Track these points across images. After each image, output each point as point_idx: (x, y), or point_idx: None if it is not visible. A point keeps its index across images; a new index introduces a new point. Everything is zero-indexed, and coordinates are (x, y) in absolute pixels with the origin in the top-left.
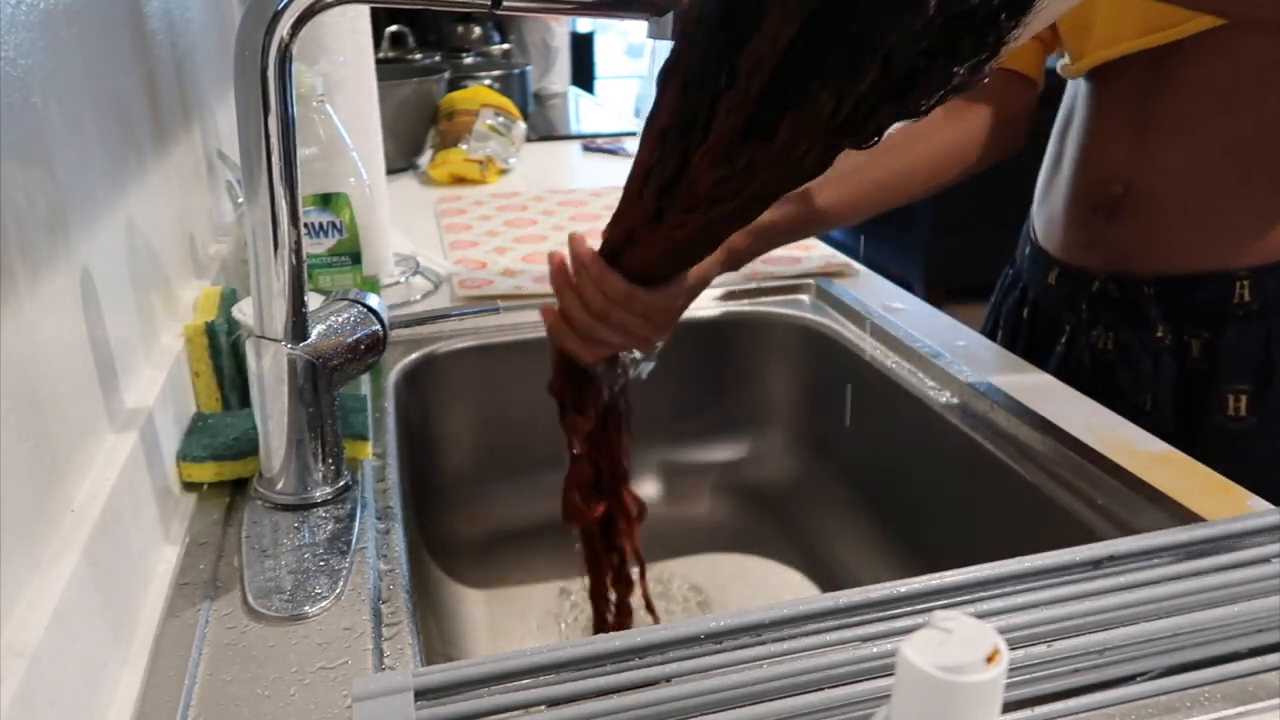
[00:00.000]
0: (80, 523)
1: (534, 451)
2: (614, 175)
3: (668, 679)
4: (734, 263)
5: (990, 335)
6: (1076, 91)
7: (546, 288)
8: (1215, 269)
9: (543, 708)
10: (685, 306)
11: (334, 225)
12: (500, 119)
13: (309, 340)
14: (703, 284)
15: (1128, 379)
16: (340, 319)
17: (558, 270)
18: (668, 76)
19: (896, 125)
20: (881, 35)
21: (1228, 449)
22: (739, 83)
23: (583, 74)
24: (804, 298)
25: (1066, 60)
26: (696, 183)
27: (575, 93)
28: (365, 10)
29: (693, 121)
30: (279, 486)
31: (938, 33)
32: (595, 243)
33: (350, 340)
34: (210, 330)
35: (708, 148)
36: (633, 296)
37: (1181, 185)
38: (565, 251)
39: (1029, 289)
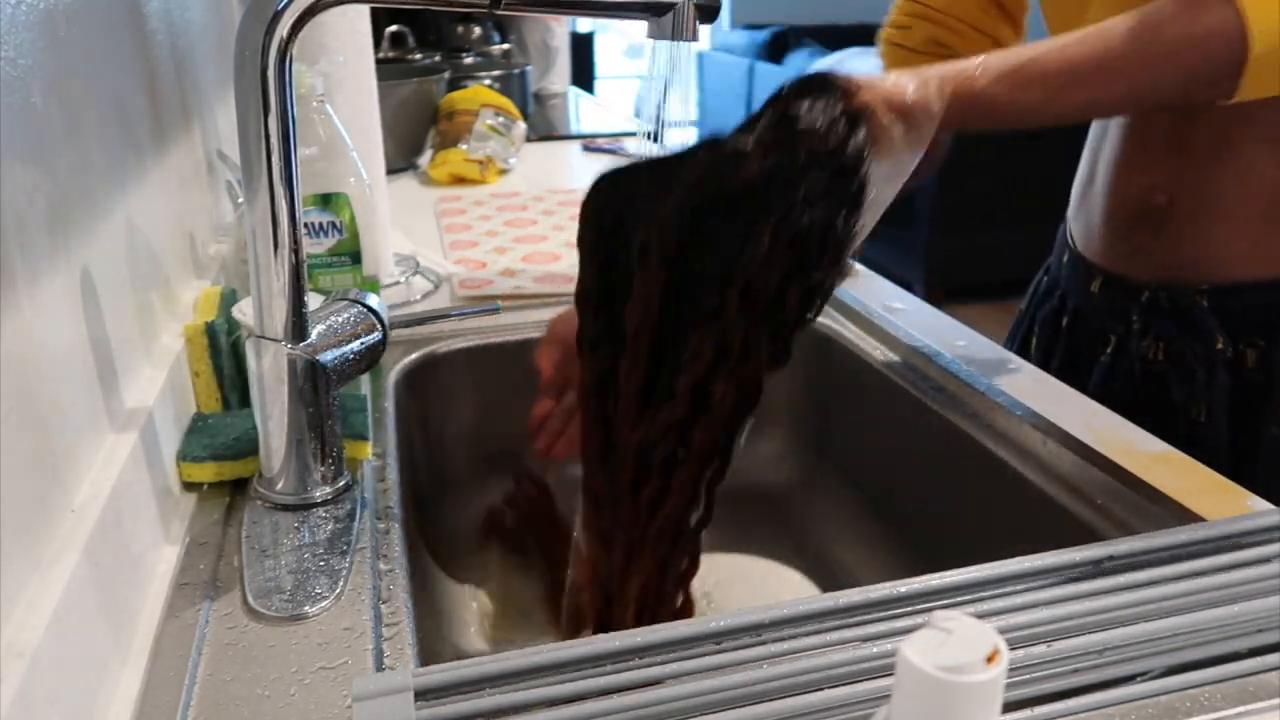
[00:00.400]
0: (80, 523)
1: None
2: None
3: (668, 679)
4: None
5: (1023, 345)
6: None
7: (546, 288)
8: (1269, 276)
9: (543, 708)
10: None
11: (334, 225)
12: (500, 119)
13: (309, 340)
14: None
15: (1180, 390)
16: (340, 319)
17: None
18: (579, 341)
19: None
20: (736, 267)
21: None
22: (627, 344)
23: (583, 74)
24: None
25: None
26: (624, 446)
27: (575, 93)
28: (365, 10)
29: (606, 382)
30: (279, 486)
31: (788, 254)
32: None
33: (350, 340)
34: (210, 330)
35: (621, 405)
36: None
37: (1227, 193)
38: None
39: (1068, 298)
